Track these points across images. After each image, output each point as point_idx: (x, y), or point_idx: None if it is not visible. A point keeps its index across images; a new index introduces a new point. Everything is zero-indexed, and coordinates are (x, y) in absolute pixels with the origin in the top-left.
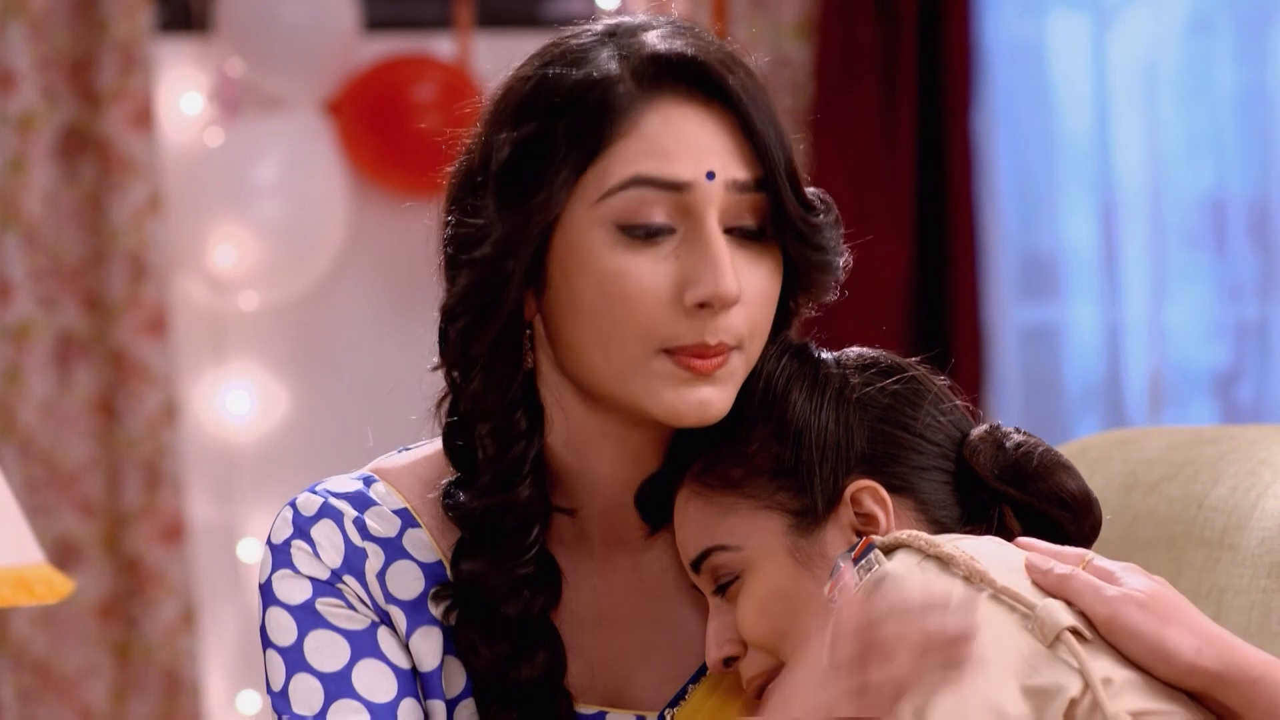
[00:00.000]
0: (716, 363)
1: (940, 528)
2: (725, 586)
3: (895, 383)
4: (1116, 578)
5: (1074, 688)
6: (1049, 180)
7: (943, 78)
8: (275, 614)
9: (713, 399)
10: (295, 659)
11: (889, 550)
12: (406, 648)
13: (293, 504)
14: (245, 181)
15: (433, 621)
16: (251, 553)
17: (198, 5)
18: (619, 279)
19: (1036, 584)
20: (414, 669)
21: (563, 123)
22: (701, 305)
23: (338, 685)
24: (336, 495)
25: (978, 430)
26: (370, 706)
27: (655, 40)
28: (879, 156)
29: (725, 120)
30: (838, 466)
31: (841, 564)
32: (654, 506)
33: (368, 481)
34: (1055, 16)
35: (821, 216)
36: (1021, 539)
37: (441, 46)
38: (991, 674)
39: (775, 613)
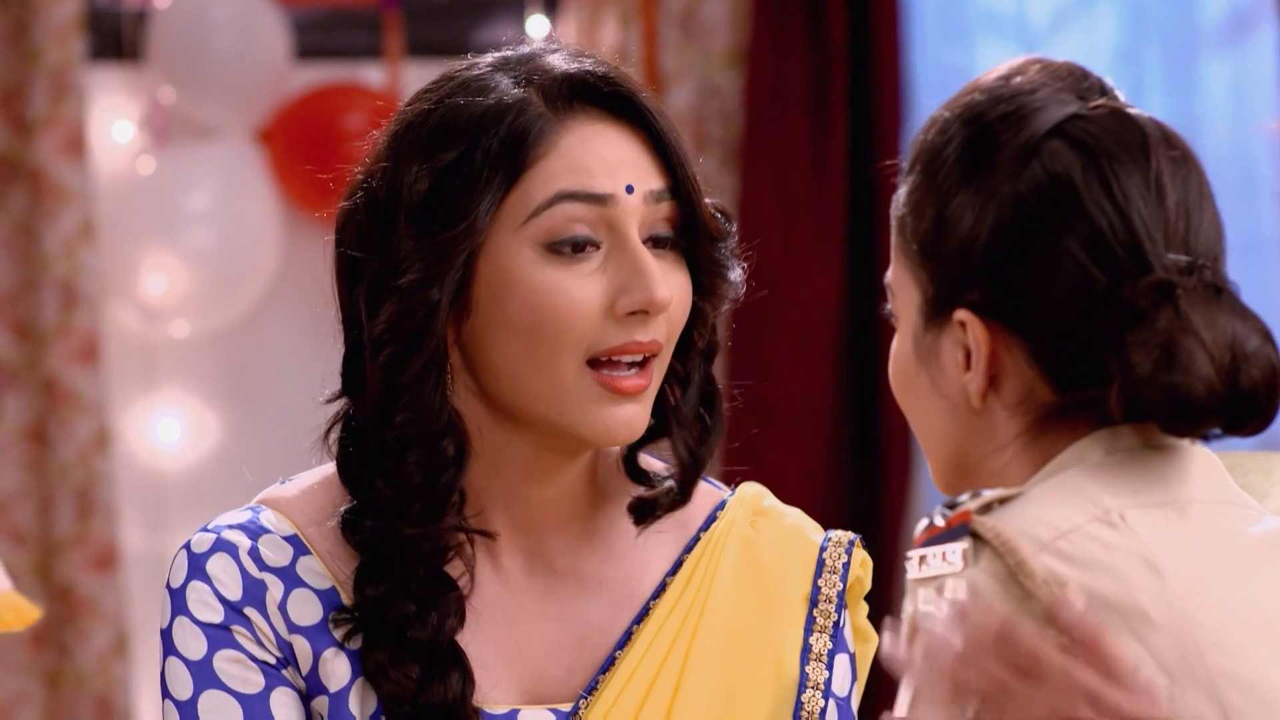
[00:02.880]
0: (642, 384)
1: (1059, 378)
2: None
3: (1050, 202)
4: None
5: None
6: None
7: (873, 107)
8: (173, 665)
9: (635, 417)
10: (189, 716)
11: (979, 543)
12: (305, 697)
13: (187, 545)
14: (176, 209)
15: (338, 645)
16: None
17: (129, 33)
18: (550, 295)
19: None
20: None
21: (480, 149)
22: (633, 313)
23: None
24: (229, 528)
25: (1140, 285)
26: None
27: (560, 62)
28: (810, 186)
29: (635, 135)
30: (963, 279)
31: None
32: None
33: (256, 511)
34: (983, 45)
35: (726, 223)
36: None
37: (371, 75)
38: None
39: (897, 380)
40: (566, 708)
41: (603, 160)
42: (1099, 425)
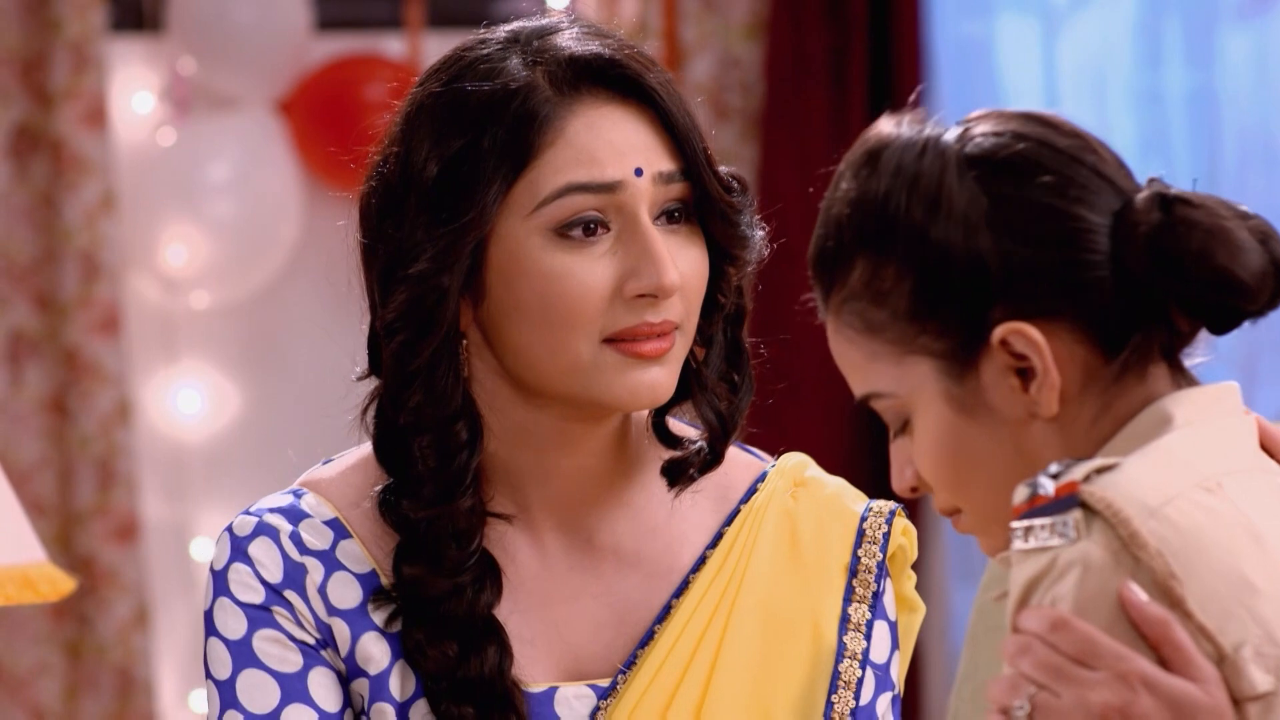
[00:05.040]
0: (664, 347)
1: (1109, 338)
2: (903, 426)
3: (1018, 182)
4: None
5: None
6: None
7: (892, 79)
8: (214, 645)
9: (661, 380)
10: (229, 695)
11: (1089, 514)
12: (343, 678)
13: (229, 528)
14: (197, 181)
15: (377, 627)
16: (204, 552)
17: (150, 4)
18: (560, 280)
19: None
20: (344, 708)
21: (487, 137)
22: (642, 296)
23: None
24: (270, 511)
25: (1137, 202)
26: None
27: (569, 43)
28: (829, 157)
29: (644, 115)
30: (974, 301)
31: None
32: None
33: (298, 495)
34: (1004, 19)
35: (739, 196)
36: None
37: (392, 46)
38: None
39: (947, 462)
40: (605, 683)
41: (611, 146)
42: (1150, 376)
